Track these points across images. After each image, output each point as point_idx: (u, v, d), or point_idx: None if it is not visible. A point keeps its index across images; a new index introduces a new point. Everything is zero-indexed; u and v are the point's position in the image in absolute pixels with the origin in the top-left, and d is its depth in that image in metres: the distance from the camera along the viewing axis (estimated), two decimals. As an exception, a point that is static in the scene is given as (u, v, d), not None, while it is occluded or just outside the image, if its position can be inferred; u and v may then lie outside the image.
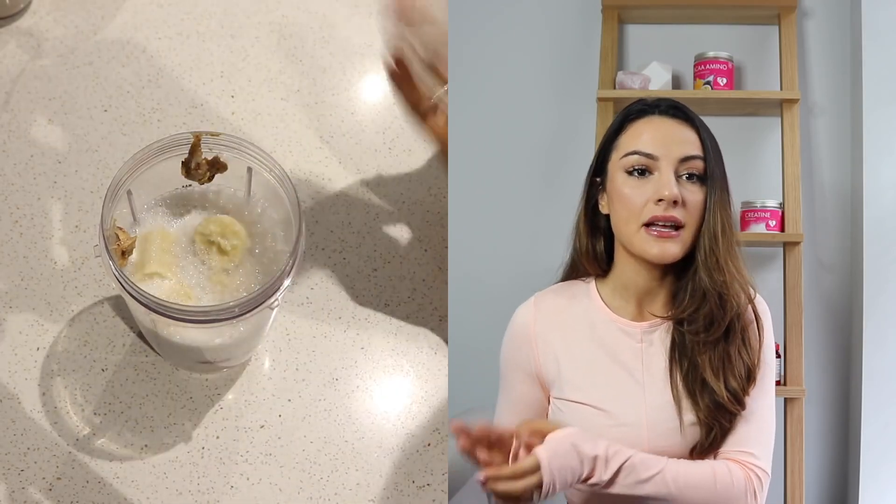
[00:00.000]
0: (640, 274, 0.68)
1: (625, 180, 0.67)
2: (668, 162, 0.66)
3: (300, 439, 0.77)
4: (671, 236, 0.65)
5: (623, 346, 0.69)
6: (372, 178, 0.91)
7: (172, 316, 0.63)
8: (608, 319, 0.69)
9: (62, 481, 0.72)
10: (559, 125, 1.33)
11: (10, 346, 0.78)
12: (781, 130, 1.23)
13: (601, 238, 0.71)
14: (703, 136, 0.67)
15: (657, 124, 0.67)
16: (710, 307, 0.65)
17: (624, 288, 0.70)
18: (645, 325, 0.69)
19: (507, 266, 1.31)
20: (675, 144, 0.66)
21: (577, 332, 0.70)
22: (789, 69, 1.23)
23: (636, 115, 0.69)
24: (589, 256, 0.71)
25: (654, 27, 1.34)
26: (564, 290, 0.73)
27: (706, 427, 0.66)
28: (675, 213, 0.65)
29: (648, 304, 0.70)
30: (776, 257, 1.25)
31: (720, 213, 0.66)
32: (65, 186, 0.87)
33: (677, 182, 0.65)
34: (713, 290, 0.65)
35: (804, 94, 1.28)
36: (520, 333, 0.71)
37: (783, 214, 1.21)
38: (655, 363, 0.68)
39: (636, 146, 0.67)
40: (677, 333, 0.67)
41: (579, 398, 0.68)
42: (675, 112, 0.68)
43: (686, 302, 0.66)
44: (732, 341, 0.67)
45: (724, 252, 0.65)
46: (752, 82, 1.31)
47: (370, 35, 1.02)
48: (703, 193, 0.66)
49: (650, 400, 0.67)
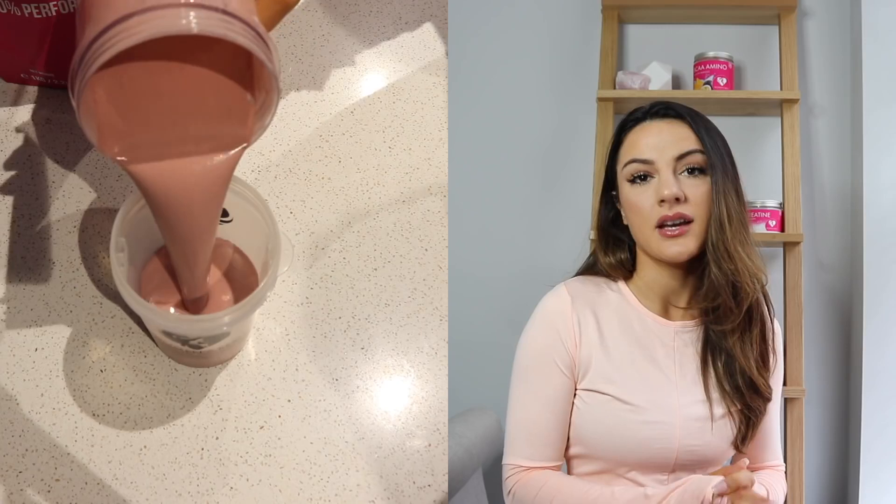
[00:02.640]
0: (662, 276, 0.69)
1: (630, 189, 0.68)
2: (664, 163, 0.67)
3: (300, 440, 0.76)
4: (683, 233, 0.66)
5: (657, 342, 0.69)
6: (372, 177, 0.91)
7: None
8: (642, 314, 0.70)
9: (61, 482, 0.72)
10: (559, 125, 1.33)
11: (8, 347, 0.78)
12: (781, 130, 1.23)
13: (624, 246, 0.72)
14: (697, 129, 0.68)
15: (650, 129, 0.69)
16: (724, 298, 0.66)
17: (649, 288, 0.70)
18: (678, 325, 0.70)
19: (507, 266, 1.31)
20: (669, 144, 0.67)
21: (611, 321, 0.70)
22: (789, 69, 1.23)
23: (632, 124, 0.70)
24: (612, 265, 0.72)
25: (654, 27, 1.34)
26: (591, 280, 0.73)
27: (743, 417, 0.68)
28: (681, 210, 0.66)
29: (673, 302, 0.71)
30: (776, 257, 1.25)
31: (724, 200, 0.66)
32: (63, 186, 0.86)
33: (678, 179, 0.66)
34: (724, 281, 0.66)
35: (804, 94, 1.28)
36: (555, 321, 0.69)
37: (783, 214, 1.21)
38: (687, 364, 0.69)
39: (633, 154, 0.68)
40: (708, 331, 0.69)
41: (611, 391, 0.67)
42: (666, 112, 0.69)
43: (703, 293, 0.67)
44: (756, 329, 0.69)
45: (732, 239, 0.65)
46: (752, 82, 1.31)
47: (370, 33, 1.02)
48: (707, 185, 0.66)
49: (682, 399, 0.67)
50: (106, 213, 0.85)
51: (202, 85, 0.55)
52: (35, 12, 0.79)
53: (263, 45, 0.51)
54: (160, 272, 0.75)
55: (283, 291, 0.83)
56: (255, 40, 0.51)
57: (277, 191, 0.89)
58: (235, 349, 0.78)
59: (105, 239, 0.84)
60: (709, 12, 1.30)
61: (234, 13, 0.49)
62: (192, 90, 0.56)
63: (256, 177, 0.89)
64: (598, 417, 0.67)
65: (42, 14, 0.79)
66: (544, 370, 0.69)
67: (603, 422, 0.67)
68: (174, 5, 0.48)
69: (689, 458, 0.67)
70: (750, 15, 1.29)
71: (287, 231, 0.86)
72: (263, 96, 0.56)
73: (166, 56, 0.53)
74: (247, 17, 0.50)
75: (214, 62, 0.55)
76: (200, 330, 0.66)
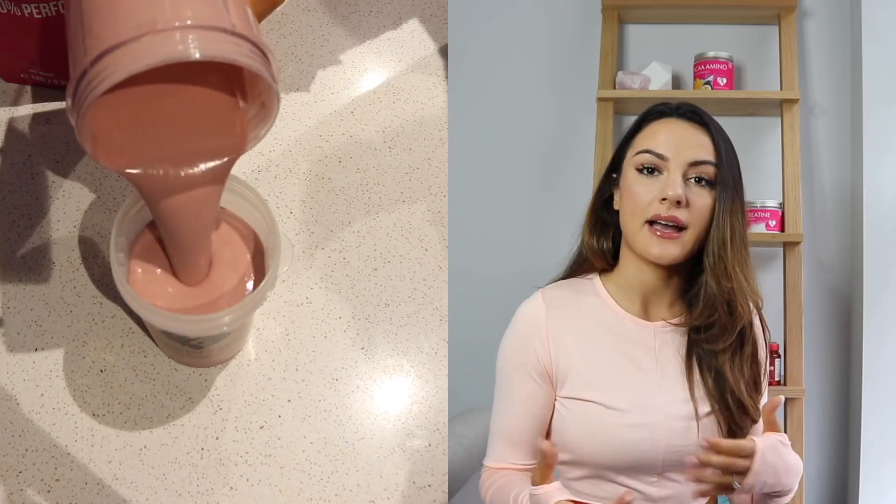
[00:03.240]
0: (644, 273, 0.69)
1: (635, 177, 0.68)
2: (677, 164, 0.66)
3: (300, 440, 0.76)
4: (672, 237, 0.65)
5: (637, 344, 0.68)
6: (372, 177, 0.91)
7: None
8: (621, 316, 0.69)
9: (61, 483, 0.72)
10: (559, 125, 1.33)
11: (8, 347, 0.78)
12: (781, 130, 1.23)
13: (609, 233, 0.72)
14: (717, 142, 0.68)
15: (673, 126, 0.68)
16: (720, 314, 0.66)
17: (629, 287, 0.70)
18: (659, 325, 0.69)
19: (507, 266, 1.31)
20: (687, 147, 0.67)
21: (589, 327, 0.69)
22: (789, 69, 1.23)
23: (655, 116, 0.70)
24: (594, 250, 0.71)
25: (654, 27, 1.34)
26: (569, 285, 0.72)
27: (728, 428, 0.67)
28: (678, 214, 0.65)
29: (654, 304, 0.70)
30: (776, 257, 1.25)
31: (730, 220, 0.66)
32: (63, 186, 0.86)
33: (685, 184, 0.66)
34: (721, 298, 0.65)
35: (804, 94, 1.28)
36: (528, 329, 0.70)
37: (783, 214, 1.21)
38: (671, 364, 0.68)
39: (649, 145, 0.68)
40: (692, 338, 0.68)
41: (591, 397, 0.67)
42: (692, 116, 0.69)
43: (700, 309, 0.67)
44: (748, 349, 0.68)
45: (733, 259, 0.65)
46: (752, 82, 1.31)
47: (369, 33, 1.02)
48: (711, 198, 0.66)
49: (666, 399, 0.67)
50: (106, 213, 0.85)
51: (201, 100, 0.55)
52: (35, 12, 0.79)
53: (267, 63, 0.51)
54: (152, 245, 0.73)
55: (283, 291, 0.83)
56: (261, 59, 0.50)
57: (277, 191, 0.89)
58: (235, 349, 0.78)
59: (105, 239, 0.84)
60: (709, 12, 1.30)
61: (242, 34, 0.49)
62: (191, 105, 0.55)
63: (256, 177, 0.89)
64: (582, 424, 0.66)
65: (42, 14, 0.79)
66: (516, 377, 0.69)
67: (587, 428, 0.66)
68: (183, 28, 0.47)
69: (675, 460, 0.66)
70: (750, 15, 1.29)
71: (287, 231, 0.86)
72: (258, 106, 0.56)
73: (168, 75, 0.52)
74: (253, 37, 0.50)
75: (213, 77, 0.55)
76: (200, 330, 0.66)
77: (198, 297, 0.70)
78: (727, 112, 1.28)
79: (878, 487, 1.17)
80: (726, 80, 1.24)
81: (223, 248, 0.71)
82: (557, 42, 1.35)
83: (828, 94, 1.30)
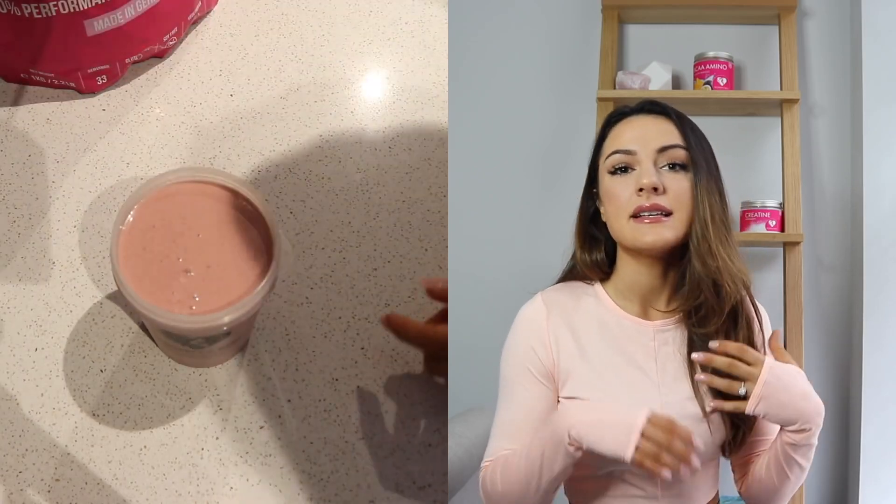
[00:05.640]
0: (641, 273, 0.69)
1: (610, 180, 0.69)
2: (646, 154, 0.67)
3: (300, 440, 0.76)
4: (661, 221, 0.66)
5: (636, 344, 0.69)
6: (372, 177, 0.91)
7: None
8: (619, 317, 0.69)
9: (61, 483, 0.72)
10: (559, 125, 1.33)
11: (8, 347, 0.78)
12: (781, 130, 1.23)
13: (601, 246, 0.72)
14: (682, 127, 0.69)
15: (635, 122, 0.69)
16: (706, 296, 0.66)
17: (628, 289, 0.70)
18: (658, 324, 0.69)
19: (508, 266, 1.31)
20: (652, 137, 0.68)
21: (589, 328, 0.70)
22: (789, 69, 1.23)
23: (618, 118, 0.71)
24: (588, 265, 0.72)
25: (654, 27, 1.34)
26: (568, 288, 0.73)
27: (731, 424, 0.67)
28: (659, 201, 0.66)
29: (653, 303, 0.70)
30: (776, 257, 1.25)
31: (707, 199, 0.66)
32: (63, 186, 0.86)
33: (658, 172, 0.67)
34: (706, 278, 0.65)
35: (804, 94, 1.28)
36: (530, 332, 0.70)
37: (783, 214, 1.21)
38: (670, 362, 0.68)
39: (616, 146, 0.69)
40: (691, 331, 0.68)
41: (593, 397, 0.67)
42: (651, 108, 0.70)
43: (686, 293, 0.67)
44: (741, 332, 0.68)
45: (716, 238, 0.65)
46: (752, 82, 1.31)
47: (369, 33, 1.02)
48: (688, 181, 0.67)
49: (665, 398, 0.67)
50: (106, 213, 0.85)
51: None
52: (35, 12, 0.79)
53: None
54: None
55: (282, 291, 0.83)
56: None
57: (277, 191, 0.89)
58: (235, 349, 0.78)
59: (105, 239, 0.84)
60: (709, 12, 1.30)
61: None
62: None
63: (256, 177, 0.89)
64: None
65: (42, 14, 0.79)
66: (520, 380, 0.70)
67: None
68: None
69: None
70: (750, 15, 1.29)
71: (287, 231, 0.86)
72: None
73: None
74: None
75: None
76: (200, 330, 0.66)
77: None
78: (727, 112, 1.28)
79: (878, 488, 1.17)
80: (726, 80, 1.24)
81: (224, 249, 0.71)
82: (557, 42, 1.35)
83: (828, 94, 1.30)
